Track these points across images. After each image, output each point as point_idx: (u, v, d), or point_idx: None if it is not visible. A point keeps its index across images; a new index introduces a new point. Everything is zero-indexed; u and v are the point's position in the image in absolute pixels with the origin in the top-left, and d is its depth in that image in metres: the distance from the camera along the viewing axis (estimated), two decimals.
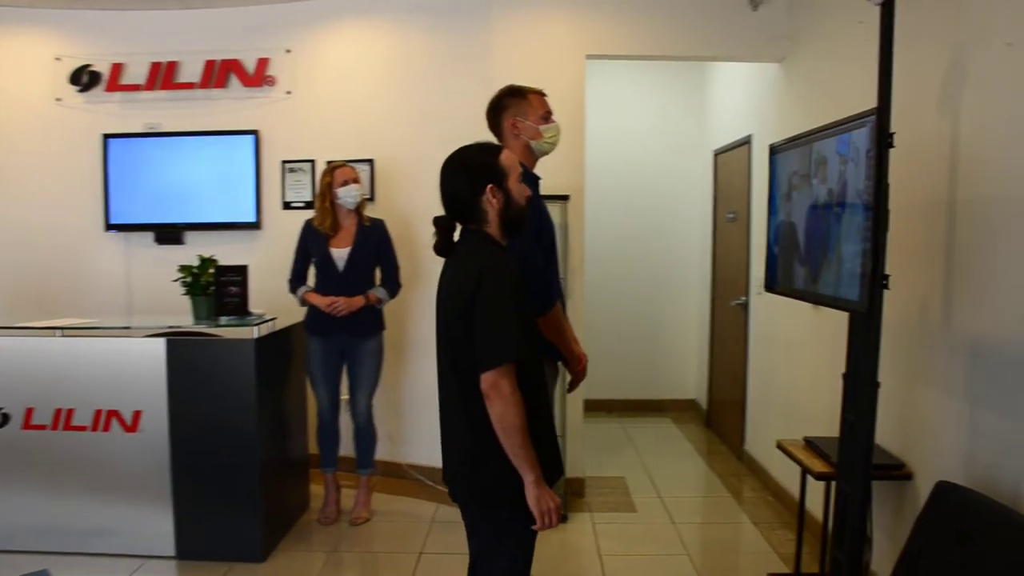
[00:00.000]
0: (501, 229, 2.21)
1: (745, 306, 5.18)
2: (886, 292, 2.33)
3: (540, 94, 2.95)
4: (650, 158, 6.48)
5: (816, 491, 3.37)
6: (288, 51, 4.81)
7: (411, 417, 4.80)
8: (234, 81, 4.86)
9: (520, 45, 4.46)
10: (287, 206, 4.90)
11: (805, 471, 3.19)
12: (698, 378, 6.62)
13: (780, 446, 3.44)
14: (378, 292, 4.14)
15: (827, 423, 3.81)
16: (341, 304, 3.99)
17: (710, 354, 6.23)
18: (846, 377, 2.76)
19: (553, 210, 4.36)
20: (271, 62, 4.83)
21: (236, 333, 3.74)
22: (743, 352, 5.22)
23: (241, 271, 3.82)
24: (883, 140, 2.19)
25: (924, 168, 2.80)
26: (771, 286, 3.06)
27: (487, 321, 2.05)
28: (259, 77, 4.83)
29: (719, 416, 5.99)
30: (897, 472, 2.99)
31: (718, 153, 5.89)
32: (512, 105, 2.92)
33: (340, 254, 4.07)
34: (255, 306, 4.02)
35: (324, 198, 4.09)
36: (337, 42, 4.81)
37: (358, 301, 4.05)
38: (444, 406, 2.30)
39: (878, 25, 3.07)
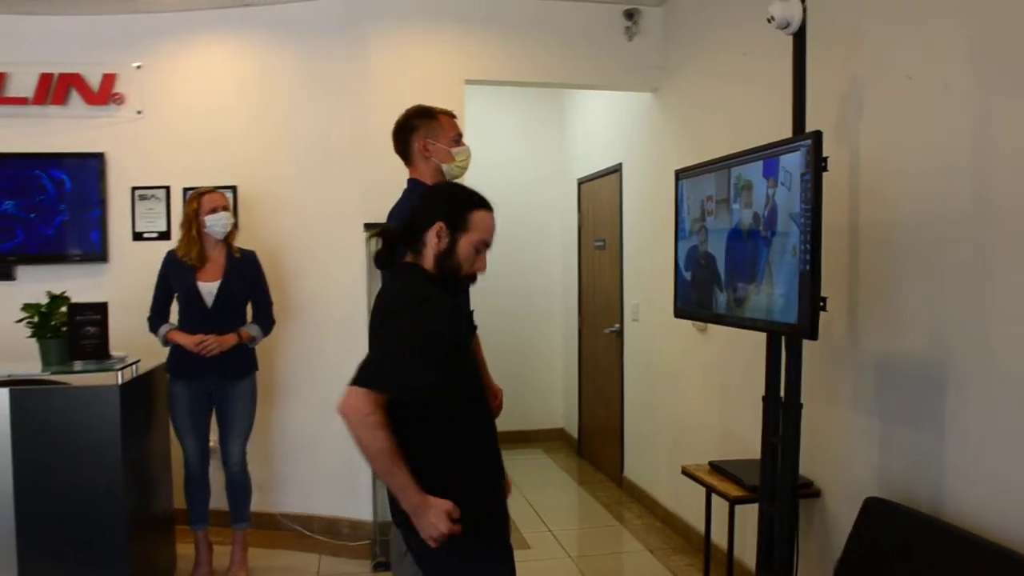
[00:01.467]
0: (435, 270, 2.05)
1: (619, 333, 5.23)
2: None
3: (450, 115, 2.82)
4: (512, 188, 6.46)
5: (716, 515, 3.40)
6: (138, 67, 4.39)
7: (282, 463, 4.45)
8: (75, 98, 4.35)
9: (397, 67, 4.31)
10: (138, 237, 4.43)
11: (714, 495, 3.19)
12: (566, 407, 6.62)
13: (686, 472, 3.44)
14: (251, 329, 3.80)
15: (718, 447, 3.89)
16: (212, 343, 3.63)
17: (579, 383, 6.25)
18: (766, 399, 2.79)
19: None
20: (119, 78, 4.38)
21: (95, 380, 3.29)
22: (619, 379, 5.26)
23: (100, 309, 3.38)
24: (819, 163, 2.24)
25: (827, 193, 2.91)
26: (683, 312, 3.06)
27: (380, 348, 1.93)
28: (105, 94, 4.36)
29: (592, 444, 6.00)
30: (806, 490, 3.07)
31: (582, 182, 5.96)
32: (422, 126, 2.76)
33: (208, 288, 3.70)
34: None
35: (190, 226, 3.72)
36: (194, 58, 4.44)
37: (230, 339, 3.70)
38: None
39: (759, 57, 3.22)
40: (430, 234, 2.00)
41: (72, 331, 3.32)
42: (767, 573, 2.79)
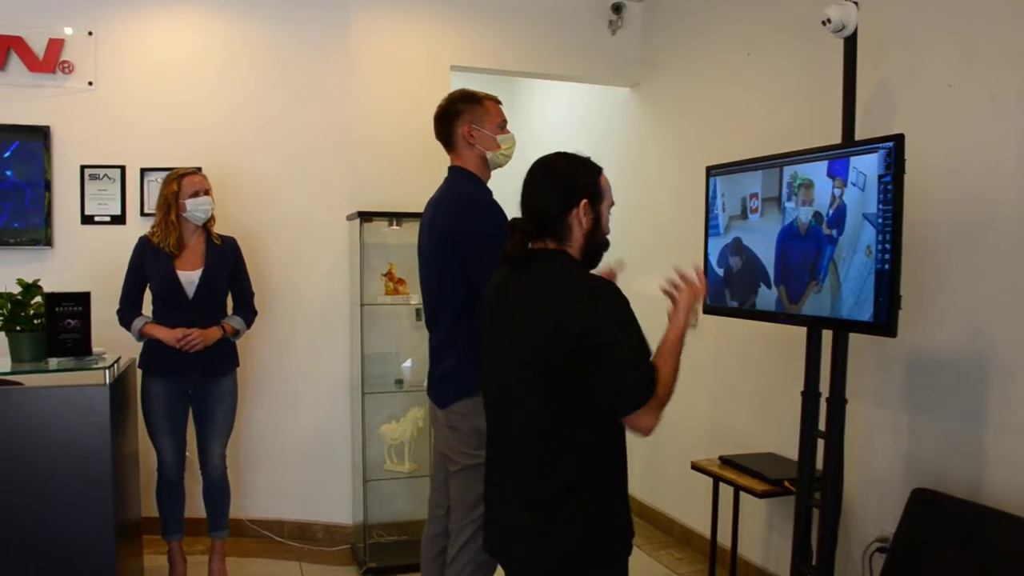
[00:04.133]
0: (581, 254, 1.95)
1: None
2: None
3: (495, 101, 2.71)
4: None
5: (694, 508, 3.45)
6: (90, 33, 3.98)
7: (249, 465, 4.18)
8: (16, 63, 3.89)
9: (381, 47, 4.14)
10: (88, 220, 4.03)
11: (740, 489, 3.23)
12: None
13: (697, 467, 3.46)
14: (233, 322, 3.54)
15: (710, 443, 3.93)
16: (196, 337, 3.35)
17: None
18: (805, 394, 2.84)
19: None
20: (67, 45, 3.95)
21: (77, 379, 2.97)
22: None
23: (83, 300, 3.05)
24: (902, 165, 2.28)
25: None
26: (713, 309, 3.07)
27: (617, 362, 1.76)
28: (51, 61, 3.93)
29: None
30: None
31: None
32: (467, 111, 2.64)
33: (189, 277, 3.41)
34: None
35: (168, 210, 3.41)
36: (156, 27, 4.07)
37: (214, 333, 3.43)
38: (509, 448, 1.96)
39: (764, 57, 3.27)
40: (574, 215, 1.88)
41: (51, 324, 2.98)
42: (804, 567, 2.84)
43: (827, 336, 2.76)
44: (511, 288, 1.95)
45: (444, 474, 2.69)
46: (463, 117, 2.63)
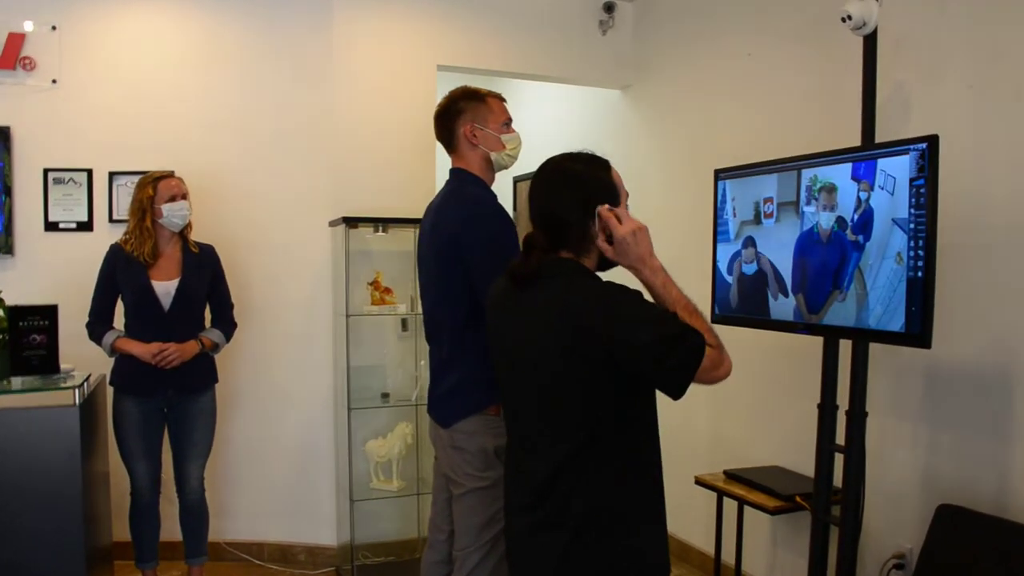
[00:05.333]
0: (598, 261, 1.81)
1: None
2: None
3: (499, 98, 2.54)
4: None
5: (694, 523, 3.33)
6: (54, 28, 3.74)
7: (226, 485, 3.95)
8: None
9: (365, 45, 3.96)
10: (52, 227, 3.79)
11: (750, 506, 3.11)
12: None
13: (700, 481, 3.34)
14: (212, 335, 3.34)
15: (709, 457, 3.80)
16: (173, 352, 3.14)
17: None
18: (821, 407, 2.72)
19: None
20: (28, 40, 3.71)
21: (44, 399, 2.74)
22: None
23: (49, 313, 2.82)
24: (936, 168, 2.17)
25: None
26: (722, 318, 2.94)
27: (654, 348, 1.61)
28: (11, 57, 3.68)
29: None
30: (835, 498, 3.04)
31: (518, 180, 5.77)
32: (469, 109, 2.47)
33: (165, 288, 3.20)
34: None
35: (143, 216, 3.20)
36: (124, 22, 3.84)
37: (192, 347, 3.23)
38: (528, 463, 1.81)
39: (762, 59, 3.17)
40: (593, 225, 1.74)
41: (15, 340, 2.75)
42: None
43: (842, 346, 2.66)
44: (517, 305, 1.80)
45: (446, 496, 2.52)
46: (465, 116, 2.46)
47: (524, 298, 1.77)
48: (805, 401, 3.25)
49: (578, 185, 1.77)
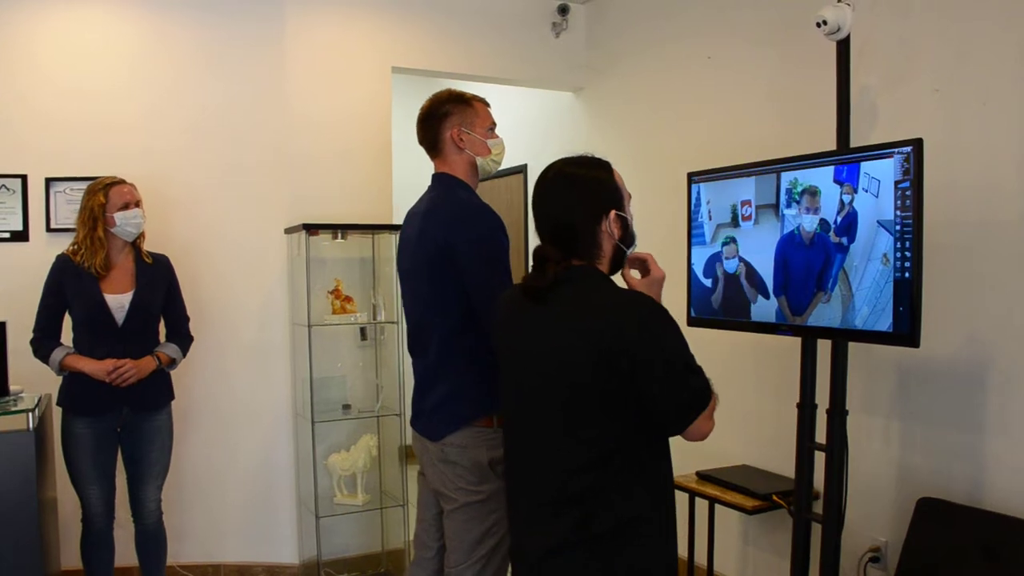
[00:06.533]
0: (610, 264, 1.79)
1: None
2: None
3: (484, 103, 2.49)
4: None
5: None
6: None
7: (179, 505, 3.75)
8: None
9: (318, 48, 3.85)
10: None
11: (727, 506, 3.12)
12: None
13: (676, 484, 3.33)
14: (168, 350, 3.17)
15: (677, 457, 3.80)
16: (130, 369, 2.97)
17: None
18: (800, 406, 2.76)
19: (382, 241, 3.83)
20: None
21: None
22: None
23: None
24: (921, 170, 2.22)
25: None
26: (699, 320, 2.95)
27: (670, 378, 1.61)
28: None
29: None
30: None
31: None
32: (456, 112, 2.41)
33: (118, 302, 3.02)
34: None
35: (95, 225, 3.01)
36: (63, 19, 3.60)
37: (148, 364, 3.06)
38: (532, 485, 1.77)
39: (722, 61, 3.20)
40: (604, 228, 1.73)
41: None
42: None
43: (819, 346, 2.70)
44: (534, 318, 1.75)
45: (435, 512, 2.45)
46: (452, 119, 2.40)
47: (541, 310, 1.73)
48: (771, 400, 3.32)
49: (585, 190, 1.75)
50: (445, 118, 2.40)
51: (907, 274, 2.24)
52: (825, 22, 2.59)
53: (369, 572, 3.78)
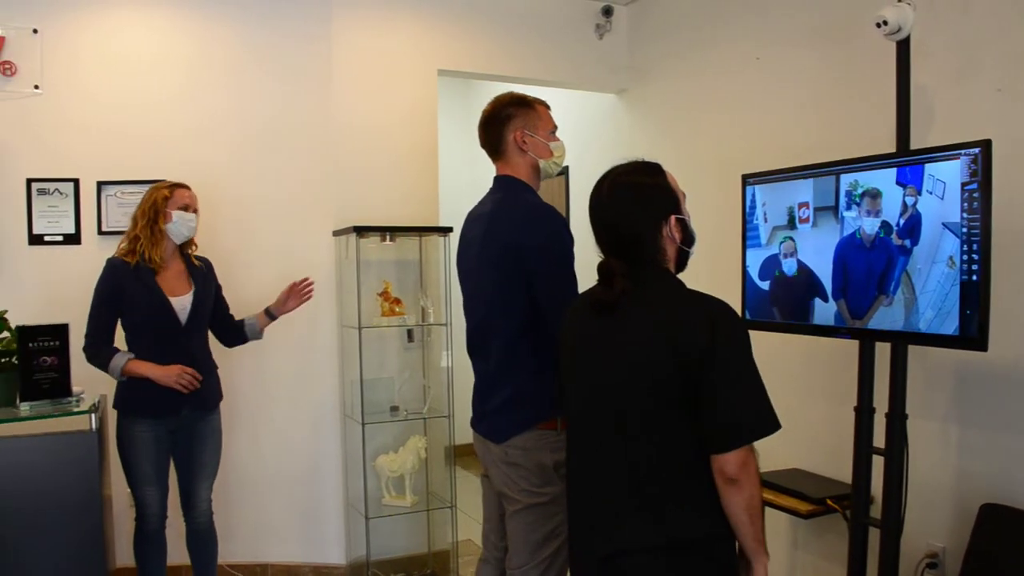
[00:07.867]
0: (676, 267, 1.79)
1: None
2: None
3: (546, 105, 2.51)
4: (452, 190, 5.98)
5: None
6: (35, 31, 3.54)
7: (227, 505, 3.78)
8: None
9: (365, 51, 3.87)
10: (37, 240, 3.58)
11: (782, 511, 3.10)
12: None
13: None
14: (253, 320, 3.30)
15: None
16: (196, 377, 3.00)
17: None
18: (858, 409, 2.74)
19: (429, 244, 3.84)
20: (8, 43, 3.50)
21: (58, 425, 2.58)
22: None
23: (60, 333, 2.66)
24: (989, 172, 2.19)
25: None
26: (757, 324, 2.94)
27: (735, 387, 1.62)
28: None
29: None
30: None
31: None
32: (519, 115, 2.43)
33: (180, 303, 3.05)
34: None
35: (156, 218, 3.03)
36: (113, 25, 3.66)
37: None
38: (601, 487, 1.78)
39: (769, 63, 3.17)
40: (665, 232, 1.74)
41: (25, 363, 2.58)
42: None
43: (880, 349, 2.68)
44: (608, 325, 1.75)
45: (500, 512, 2.46)
46: (515, 122, 2.42)
47: (612, 319, 1.73)
48: (820, 403, 3.29)
49: (643, 198, 1.77)
50: (508, 121, 2.42)
51: (975, 277, 2.22)
52: (885, 22, 2.57)
53: (415, 573, 3.79)
